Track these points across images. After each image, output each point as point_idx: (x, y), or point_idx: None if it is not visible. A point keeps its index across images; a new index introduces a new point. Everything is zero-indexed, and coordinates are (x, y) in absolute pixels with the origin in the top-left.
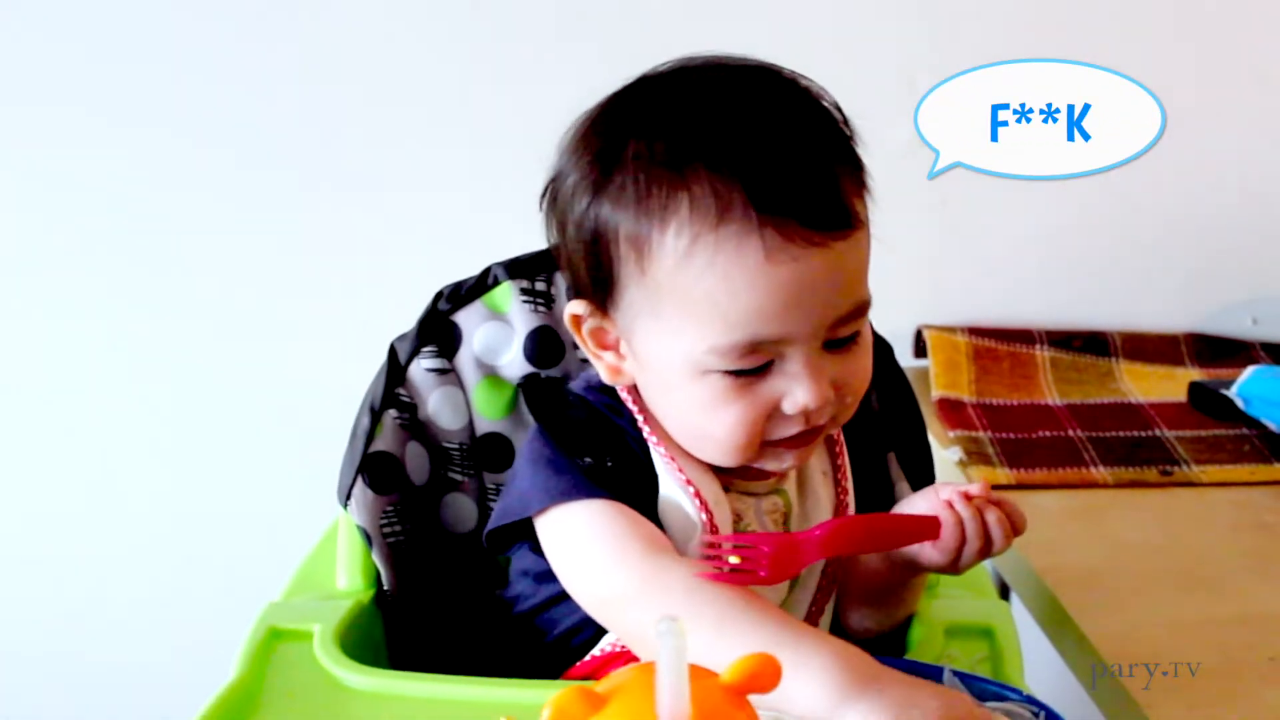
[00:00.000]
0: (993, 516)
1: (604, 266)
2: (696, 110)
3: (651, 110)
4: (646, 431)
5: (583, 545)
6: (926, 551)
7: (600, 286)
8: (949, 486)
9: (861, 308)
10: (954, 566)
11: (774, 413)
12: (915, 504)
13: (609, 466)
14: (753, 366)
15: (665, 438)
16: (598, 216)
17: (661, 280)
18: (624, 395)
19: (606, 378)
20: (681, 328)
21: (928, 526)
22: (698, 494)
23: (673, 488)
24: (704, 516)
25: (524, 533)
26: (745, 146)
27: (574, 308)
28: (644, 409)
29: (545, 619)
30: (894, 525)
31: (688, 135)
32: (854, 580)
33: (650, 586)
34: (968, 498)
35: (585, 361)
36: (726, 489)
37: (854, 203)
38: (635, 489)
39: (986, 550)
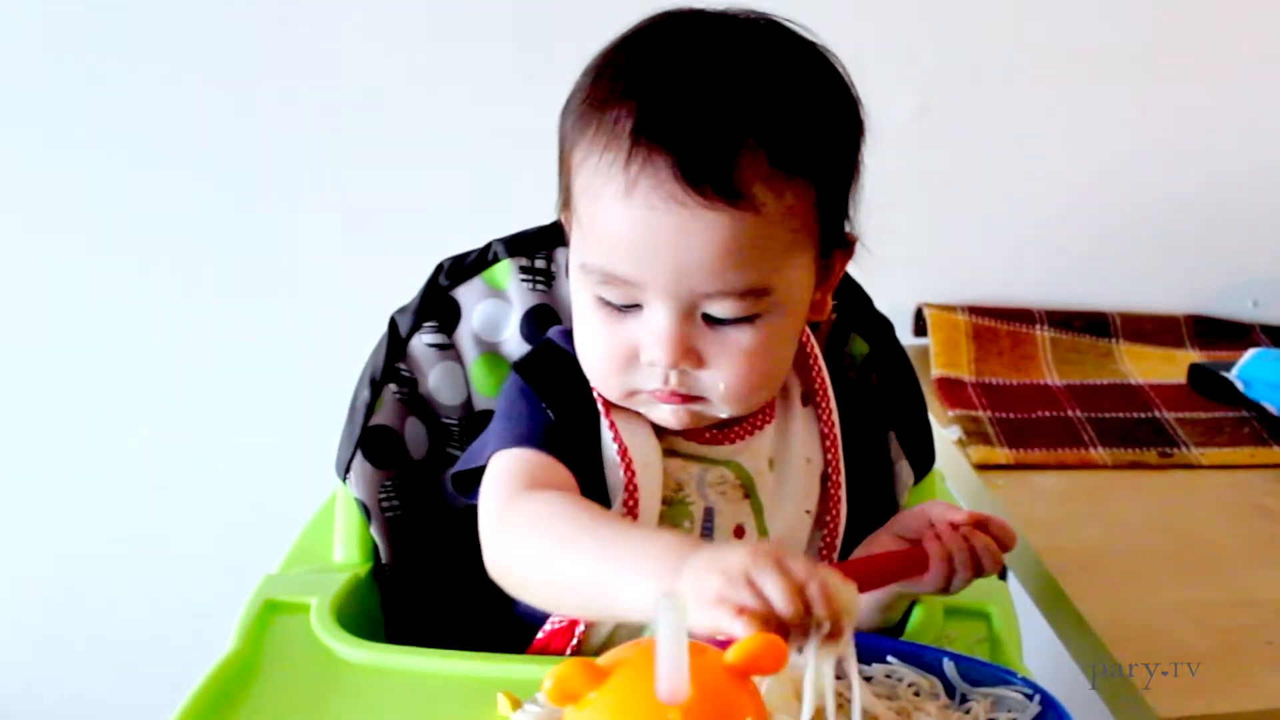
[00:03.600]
0: (980, 544)
1: (562, 179)
2: (657, 45)
3: (626, 42)
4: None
5: (485, 488)
6: (915, 583)
7: (565, 196)
8: (938, 507)
9: (747, 293)
10: (945, 593)
11: (635, 357)
12: (906, 524)
13: (554, 421)
14: (617, 301)
15: None
16: (561, 133)
17: (573, 192)
18: None
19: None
20: (576, 240)
21: (915, 562)
22: (623, 452)
23: (608, 443)
24: (624, 476)
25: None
26: (658, 86)
27: (559, 212)
28: None
29: None
30: (879, 566)
31: (631, 65)
32: None
33: (504, 520)
34: (954, 527)
35: None
36: (672, 453)
37: (749, 181)
38: (583, 443)
39: (977, 576)
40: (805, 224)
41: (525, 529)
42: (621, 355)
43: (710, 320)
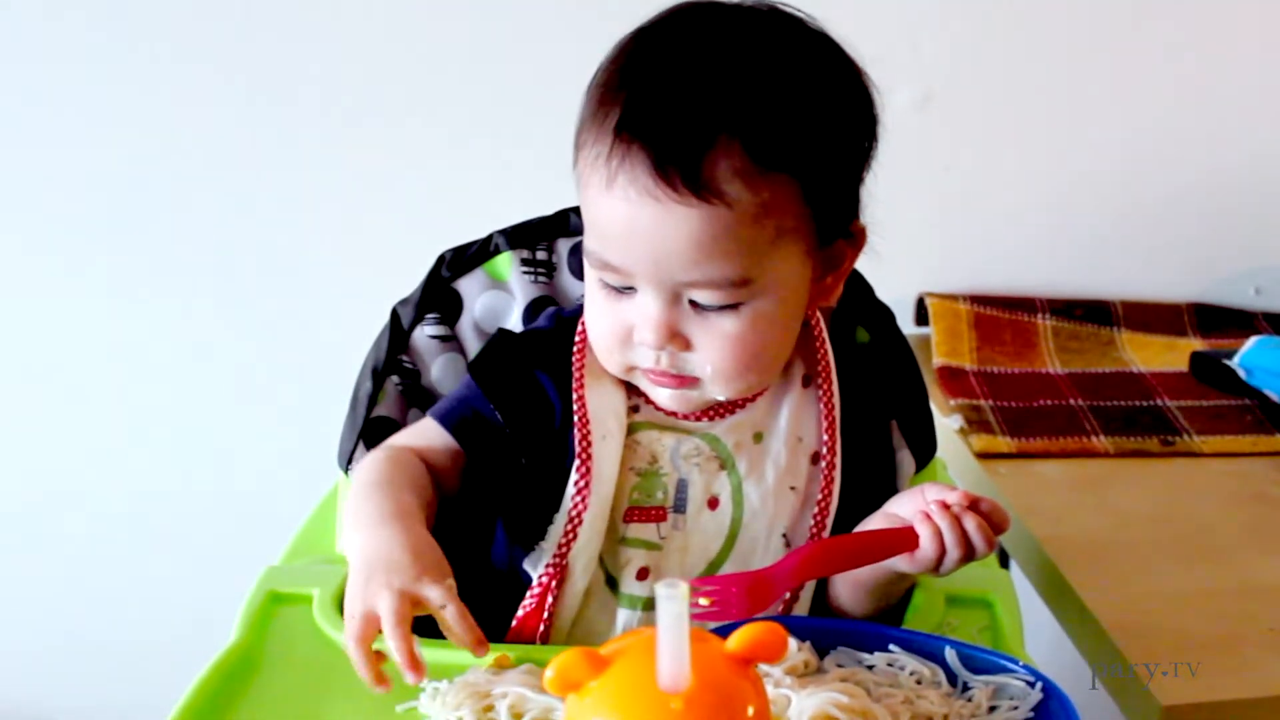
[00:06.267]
0: (971, 524)
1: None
2: (656, 39)
3: (637, 36)
4: (577, 346)
5: None
6: (906, 562)
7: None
8: (933, 488)
9: (726, 284)
10: (935, 573)
11: (631, 336)
12: (901, 504)
13: (493, 414)
14: (614, 284)
15: (590, 354)
16: (579, 117)
17: (577, 178)
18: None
19: None
20: (584, 223)
21: (904, 539)
22: (583, 423)
23: (575, 414)
24: (580, 446)
25: None
26: (645, 81)
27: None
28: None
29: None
30: (868, 543)
31: (630, 60)
32: (838, 580)
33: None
34: (945, 507)
35: None
36: (647, 427)
37: (721, 177)
38: (543, 419)
39: (969, 557)
40: (792, 217)
41: (354, 485)
42: (620, 334)
43: (696, 305)
